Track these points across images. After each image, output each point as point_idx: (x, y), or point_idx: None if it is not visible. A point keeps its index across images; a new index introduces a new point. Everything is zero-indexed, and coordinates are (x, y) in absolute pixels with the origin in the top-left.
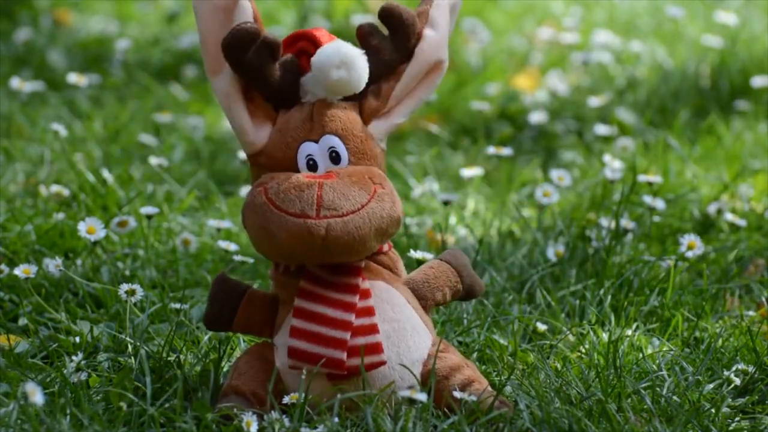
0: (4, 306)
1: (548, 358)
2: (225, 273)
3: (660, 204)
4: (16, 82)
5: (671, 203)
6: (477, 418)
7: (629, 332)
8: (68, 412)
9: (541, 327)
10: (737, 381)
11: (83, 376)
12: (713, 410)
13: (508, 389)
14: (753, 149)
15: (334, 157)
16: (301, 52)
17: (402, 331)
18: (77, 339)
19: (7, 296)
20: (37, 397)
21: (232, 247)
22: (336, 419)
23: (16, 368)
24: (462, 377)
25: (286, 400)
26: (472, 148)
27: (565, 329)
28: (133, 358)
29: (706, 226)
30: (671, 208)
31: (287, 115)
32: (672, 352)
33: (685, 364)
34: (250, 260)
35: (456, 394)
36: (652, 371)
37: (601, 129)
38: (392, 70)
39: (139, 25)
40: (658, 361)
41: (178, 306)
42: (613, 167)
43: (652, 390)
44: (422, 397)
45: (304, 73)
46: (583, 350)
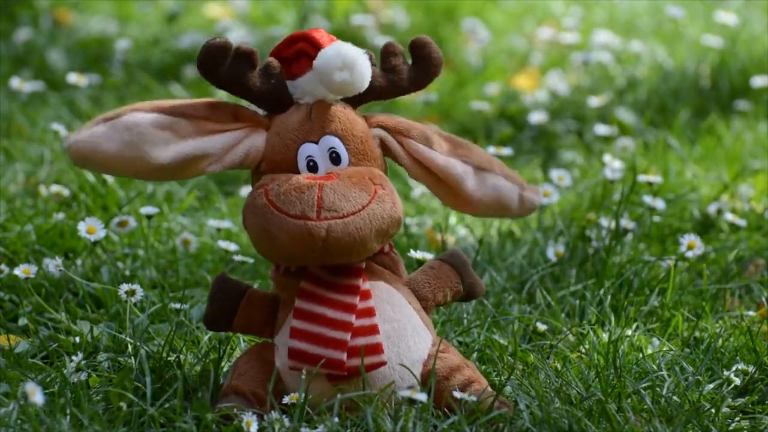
0: (4, 306)
1: (548, 358)
2: (225, 273)
3: (660, 204)
4: (16, 82)
5: (671, 203)
6: (477, 418)
7: (629, 332)
8: (68, 412)
9: (541, 327)
10: (737, 381)
11: (83, 376)
12: (713, 410)
13: (508, 389)
14: (753, 149)
15: (335, 158)
16: (300, 53)
17: (402, 331)
18: (77, 339)
19: (7, 296)
20: (37, 397)
21: (232, 247)
22: (336, 419)
23: (16, 368)
24: (462, 377)
25: (286, 400)
26: None
27: (565, 329)
28: (133, 358)
29: (706, 226)
30: (671, 208)
31: (284, 117)
32: (672, 352)
33: (685, 364)
34: (250, 260)
35: (456, 395)
36: (652, 371)
37: (601, 129)
38: (399, 94)
39: (139, 25)
40: (658, 361)
41: (178, 306)
42: (613, 167)
43: (652, 390)
44: (422, 397)
45: (290, 76)
46: (583, 350)
